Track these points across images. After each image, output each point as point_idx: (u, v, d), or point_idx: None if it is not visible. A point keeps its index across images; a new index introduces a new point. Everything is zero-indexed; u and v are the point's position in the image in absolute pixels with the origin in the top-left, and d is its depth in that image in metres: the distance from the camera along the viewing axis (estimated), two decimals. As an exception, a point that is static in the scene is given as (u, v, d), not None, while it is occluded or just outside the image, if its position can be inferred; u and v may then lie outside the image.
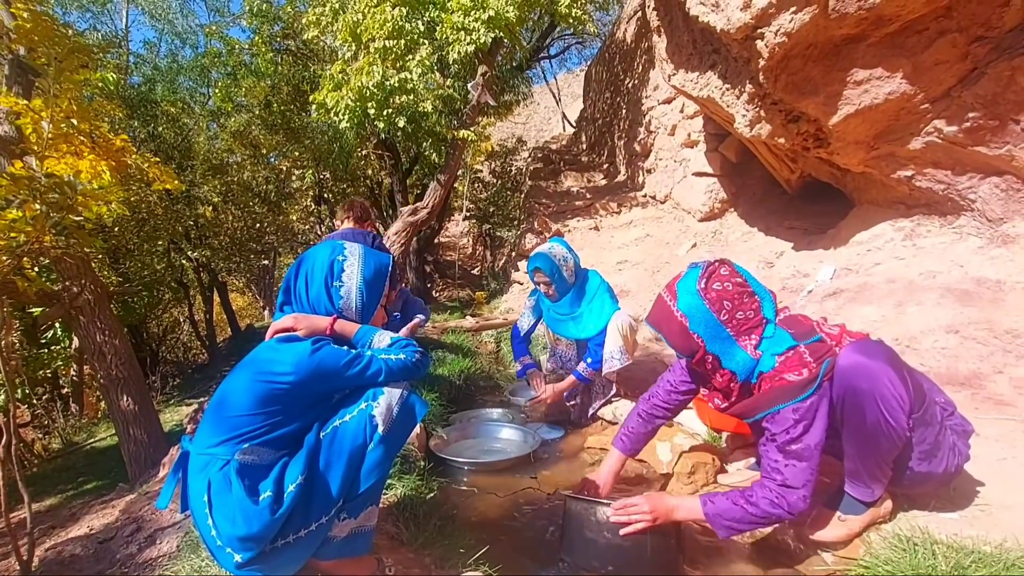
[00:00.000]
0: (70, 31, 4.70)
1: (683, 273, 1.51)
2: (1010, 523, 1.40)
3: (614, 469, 1.81)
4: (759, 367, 1.41)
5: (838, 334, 1.46)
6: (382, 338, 1.41)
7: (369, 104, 5.13)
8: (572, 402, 3.00)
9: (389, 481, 1.91)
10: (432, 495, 1.99)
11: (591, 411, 2.92)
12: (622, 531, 1.43)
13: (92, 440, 6.44)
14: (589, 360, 2.78)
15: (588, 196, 7.75)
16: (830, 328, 1.48)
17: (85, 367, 7.39)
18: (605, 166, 9.08)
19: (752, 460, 1.98)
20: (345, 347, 1.34)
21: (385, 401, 1.29)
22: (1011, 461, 1.72)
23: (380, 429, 1.26)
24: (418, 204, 6.01)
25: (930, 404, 1.39)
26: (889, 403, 1.30)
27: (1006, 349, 2.26)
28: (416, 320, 2.99)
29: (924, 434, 1.37)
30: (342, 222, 3.21)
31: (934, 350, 2.42)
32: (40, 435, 6.88)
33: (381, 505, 1.66)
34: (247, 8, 7.66)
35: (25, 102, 2.79)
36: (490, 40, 5.16)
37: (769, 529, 1.64)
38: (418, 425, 2.42)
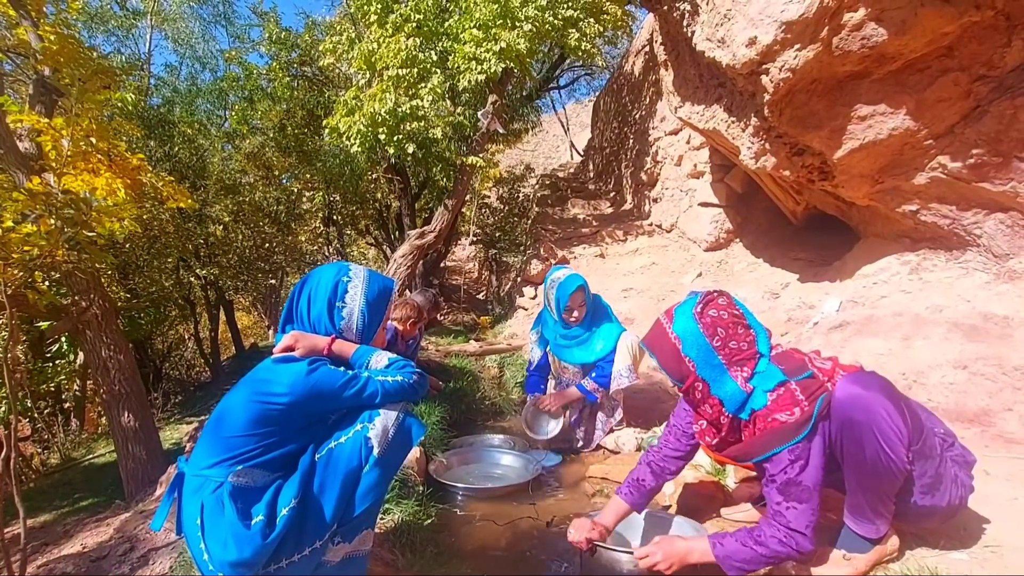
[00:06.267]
0: (94, 54, 4.86)
1: (683, 300, 1.52)
2: (1021, 564, 1.36)
3: (618, 516, 1.74)
4: (751, 403, 1.40)
5: (830, 368, 1.44)
6: (379, 359, 1.40)
7: (380, 130, 5.24)
8: (578, 428, 2.97)
9: (386, 505, 1.88)
10: (430, 521, 1.96)
11: (595, 438, 2.89)
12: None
13: (91, 456, 6.40)
14: (594, 375, 2.77)
15: (594, 224, 7.79)
16: (822, 362, 1.47)
17: (88, 382, 7.39)
18: (612, 194, 9.15)
19: (756, 494, 1.94)
20: (342, 368, 1.34)
21: (381, 423, 1.28)
22: (1022, 500, 1.68)
23: (376, 451, 1.25)
24: (425, 228, 6.07)
25: (929, 435, 1.37)
26: (887, 435, 1.29)
27: (1015, 386, 2.23)
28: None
29: (925, 467, 1.35)
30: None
31: (942, 385, 2.38)
32: (39, 449, 6.84)
33: (377, 530, 1.64)
34: (266, 36, 7.92)
35: (47, 120, 2.87)
36: (501, 70, 5.28)
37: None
38: (418, 449, 2.41)
